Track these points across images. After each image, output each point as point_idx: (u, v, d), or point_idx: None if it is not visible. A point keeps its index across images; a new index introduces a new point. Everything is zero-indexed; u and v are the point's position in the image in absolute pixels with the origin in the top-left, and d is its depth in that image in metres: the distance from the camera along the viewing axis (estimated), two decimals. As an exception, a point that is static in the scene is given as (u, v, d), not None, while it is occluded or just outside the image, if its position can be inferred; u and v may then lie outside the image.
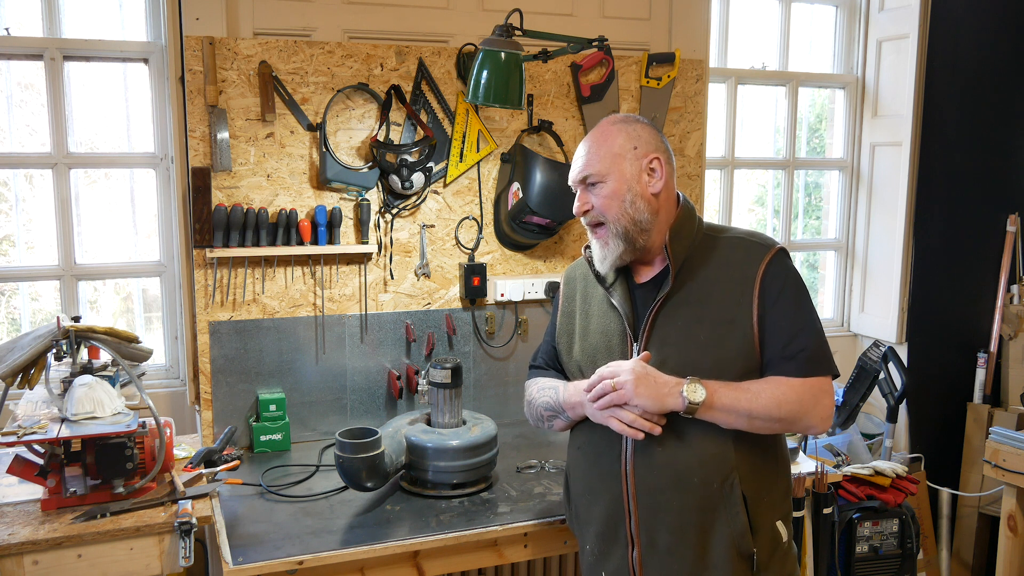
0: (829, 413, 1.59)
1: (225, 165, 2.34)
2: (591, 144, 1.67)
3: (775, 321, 1.57)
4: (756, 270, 1.58)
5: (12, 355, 2.01)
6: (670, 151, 1.68)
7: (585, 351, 1.74)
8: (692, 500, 1.59)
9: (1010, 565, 2.76)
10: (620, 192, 1.62)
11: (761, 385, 1.56)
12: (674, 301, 1.61)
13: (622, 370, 1.57)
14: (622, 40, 2.84)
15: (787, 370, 1.56)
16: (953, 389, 3.49)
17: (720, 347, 1.57)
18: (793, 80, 3.44)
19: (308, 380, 2.50)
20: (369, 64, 2.48)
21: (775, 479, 1.66)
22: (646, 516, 1.62)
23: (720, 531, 1.58)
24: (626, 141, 1.64)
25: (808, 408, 1.56)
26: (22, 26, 2.53)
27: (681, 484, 1.59)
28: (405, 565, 1.90)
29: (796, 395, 1.55)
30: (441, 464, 2.05)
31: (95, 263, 2.66)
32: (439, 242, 2.62)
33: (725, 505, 1.58)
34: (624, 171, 1.62)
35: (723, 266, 1.61)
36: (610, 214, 1.63)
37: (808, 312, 1.60)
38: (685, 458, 1.59)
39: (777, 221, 3.57)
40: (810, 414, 1.57)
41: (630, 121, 1.67)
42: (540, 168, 2.53)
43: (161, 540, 1.90)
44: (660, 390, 1.54)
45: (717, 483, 1.58)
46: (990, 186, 3.46)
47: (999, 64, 3.40)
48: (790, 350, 1.56)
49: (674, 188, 1.70)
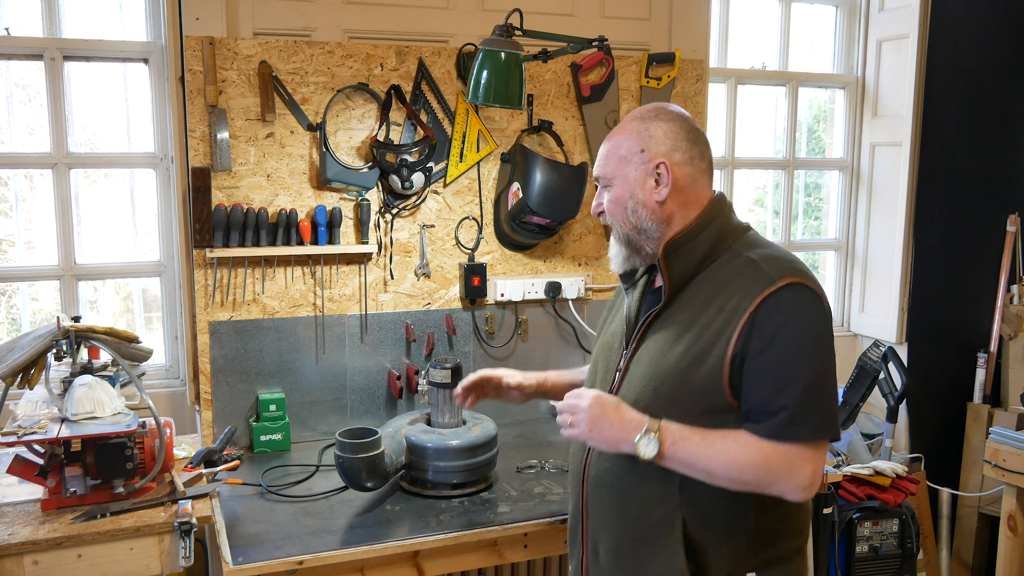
0: (809, 483, 1.38)
1: (225, 165, 2.34)
2: (606, 143, 1.58)
3: (761, 368, 1.39)
4: (748, 305, 1.40)
5: (12, 355, 2.01)
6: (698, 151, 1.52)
7: (600, 347, 1.70)
8: (629, 528, 1.51)
9: (1010, 565, 2.76)
10: (623, 198, 1.53)
11: (727, 442, 1.39)
12: (666, 316, 1.51)
13: (580, 408, 1.49)
14: (622, 40, 2.84)
15: (761, 428, 1.38)
16: (953, 389, 3.48)
17: (685, 378, 1.44)
18: (793, 80, 3.44)
19: (308, 380, 2.50)
20: (369, 64, 2.48)
21: (749, 534, 1.46)
22: (593, 527, 1.59)
23: (654, 567, 1.48)
24: (634, 143, 1.52)
25: (778, 476, 1.38)
26: (22, 26, 2.53)
27: (621, 509, 1.53)
28: (405, 565, 1.90)
29: (763, 460, 1.37)
30: (441, 464, 2.05)
31: (95, 263, 2.66)
32: (439, 242, 2.62)
33: (662, 543, 1.47)
34: (628, 176, 1.53)
35: (723, 290, 1.45)
36: (615, 219, 1.56)
37: (805, 363, 1.38)
38: (627, 485, 1.51)
39: (777, 221, 3.57)
40: (781, 482, 1.38)
41: (649, 118, 1.53)
42: (540, 168, 2.53)
43: (161, 540, 1.90)
44: (614, 435, 1.45)
45: (655, 519, 1.47)
46: (990, 186, 3.46)
47: (999, 64, 3.40)
48: (771, 405, 1.38)
49: (699, 192, 1.52)
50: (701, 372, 1.42)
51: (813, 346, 1.40)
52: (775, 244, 1.53)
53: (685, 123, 1.54)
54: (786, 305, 1.40)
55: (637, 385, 1.51)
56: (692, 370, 1.43)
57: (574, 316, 2.76)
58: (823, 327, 1.43)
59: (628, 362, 1.55)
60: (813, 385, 1.38)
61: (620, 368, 1.57)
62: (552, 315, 2.76)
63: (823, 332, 1.42)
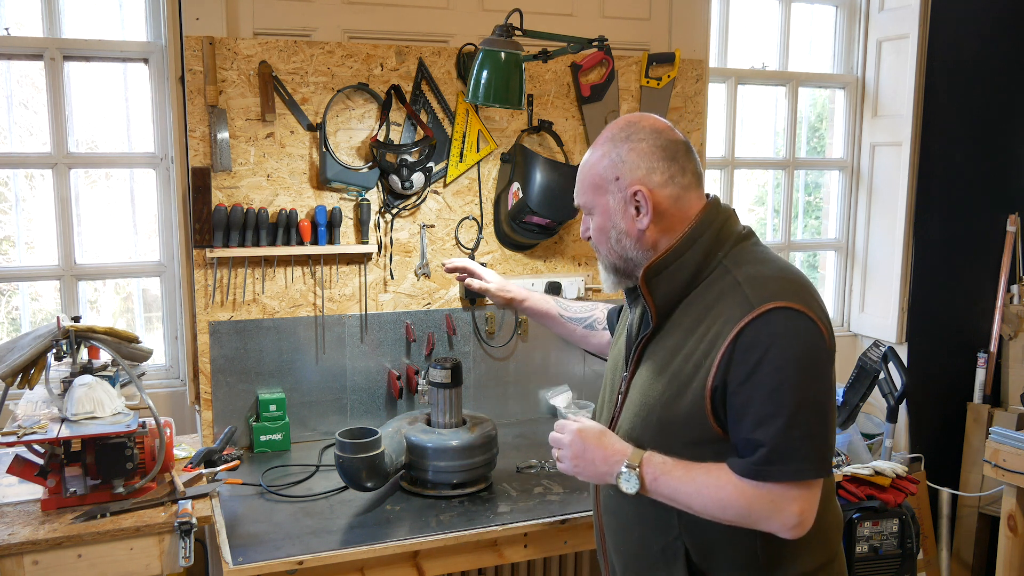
0: (797, 522, 1.29)
1: (225, 165, 2.34)
2: (581, 166, 1.51)
3: (741, 402, 1.30)
4: (728, 332, 1.31)
5: (12, 355, 2.01)
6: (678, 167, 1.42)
7: (609, 364, 1.66)
8: (636, 552, 1.49)
9: (1010, 565, 2.76)
10: (606, 228, 1.46)
11: (709, 478, 1.33)
12: (658, 340, 1.45)
13: (563, 443, 1.47)
14: (622, 40, 2.84)
15: (740, 466, 1.31)
16: (953, 389, 3.49)
17: (670, 409, 1.38)
18: (793, 80, 3.44)
19: (308, 380, 2.50)
20: (369, 64, 2.47)
21: (762, 558, 1.39)
22: (609, 548, 1.58)
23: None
24: (608, 170, 1.44)
25: (762, 517, 1.31)
26: (22, 26, 2.53)
27: (626, 534, 1.51)
28: (405, 565, 1.90)
29: (744, 501, 1.30)
30: (441, 464, 2.05)
31: (95, 263, 2.66)
32: (439, 242, 2.62)
33: (667, 571, 1.43)
34: (607, 206, 1.45)
35: (708, 314, 1.37)
36: (600, 248, 1.50)
37: (786, 396, 1.27)
38: (629, 511, 1.48)
39: (777, 221, 3.57)
40: (766, 522, 1.31)
41: (620, 140, 1.44)
42: (540, 168, 2.53)
43: (161, 540, 1.90)
44: (598, 469, 1.42)
45: (658, 546, 1.44)
46: (990, 186, 3.46)
47: (999, 64, 3.40)
48: (751, 442, 1.30)
49: (684, 211, 1.43)
50: (684, 403, 1.36)
51: (797, 376, 1.28)
52: (771, 256, 1.42)
53: (659, 138, 1.43)
54: (768, 332, 1.29)
55: (631, 413, 1.46)
56: (676, 401, 1.37)
57: (574, 316, 2.76)
58: (812, 353, 1.30)
59: (627, 385, 1.51)
60: (795, 421, 1.28)
61: (621, 392, 1.52)
62: (552, 315, 2.75)
63: (811, 359, 1.30)
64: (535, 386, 2.74)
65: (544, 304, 2.00)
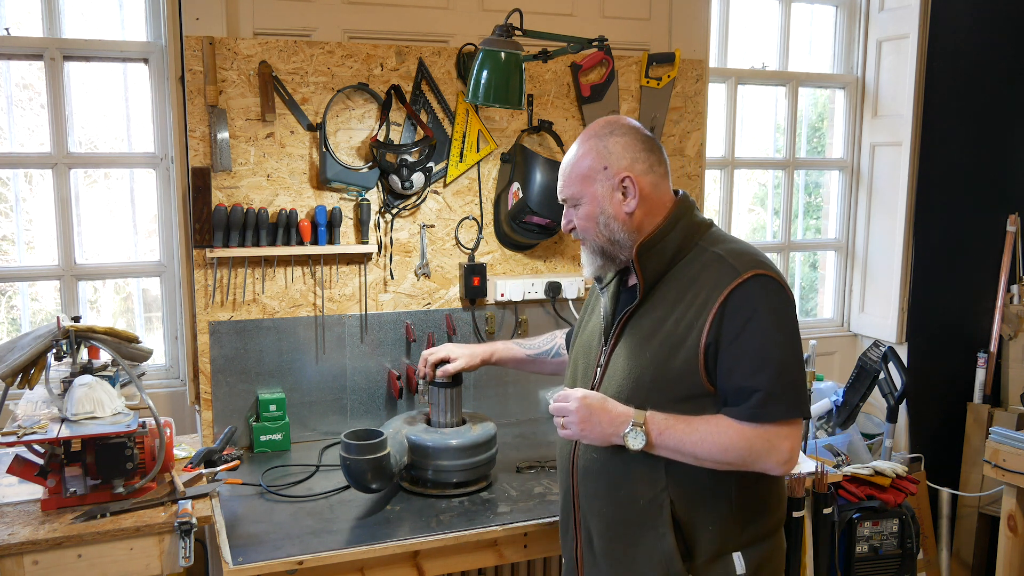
0: (788, 458, 1.49)
1: (225, 165, 2.34)
2: (565, 164, 1.66)
3: (734, 355, 1.48)
4: (717, 296, 1.50)
5: (12, 355, 2.01)
6: (655, 158, 1.62)
7: (579, 345, 1.80)
8: (619, 512, 1.60)
9: (1010, 565, 2.76)
10: (594, 214, 1.62)
11: (709, 426, 1.49)
12: (642, 312, 1.60)
13: (568, 410, 1.58)
14: (622, 40, 2.84)
15: (739, 412, 1.48)
16: (953, 389, 3.49)
17: (663, 368, 1.53)
18: (793, 80, 3.44)
19: (308, 380, 2.50)
20: (369, 64, 2.48)
21: (734, 509, 1.56)
22: (585, 515, 1.67)
23: (646, 548, 1.57)
24: (596, 161, 1.61)
25: (760, 455, 1.48)
26: (22, 26, 2.53)
27: (610, 494, 1.61)
28: (405, 565, 1.90)
29: (745, 442, 1.47)
30: (442, 463, 2.05)
31: (95, 263, 2.66)
32: (439, 242, 2.62)
33: (652, 524, 1.56)
34: (596, 193, 1.61)
35: (693, 285, 1.55)
36: (588, 235, 1.65)
37: (775, 349, 1.48)
38: (616, 469, 1.59)
39: (777, 221, 3.57)
40: (763, 459, 1.49)
41: (604, 135, 1.62)
42: (540, 168, 2.53)
43: (161, 540, 1.90)
44: (605, 431, 1.54)
45: (644, 500, 1.56)
46: (990, 186, 3.46)
47: (999, 64, 3.40)
48: (746, 389, 1.48)
49: (662, 196, 1.63)
50: (677, 361, 1.52)
51: (781, 333, 1.49)
52: (737, 239, 1.63)
53: (638, 134, 1.62)
54: (753, 296, 1.49)
55: (619, 377, 1.60)
56: (669, 360, 1.53)
57: (574, 316, 2.76)
58: (789, 315, 1.52)
59: (608, 357, 1.64)
60: (784, 368, 1.48)
61: (601, 364, 1.66)
62: (552, 315, 2.76)
63: (789, 320, 1.52)
64: (535, 386, 2.74)
65: (510, 351, 2.14)
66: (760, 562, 1.59)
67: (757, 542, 1.59)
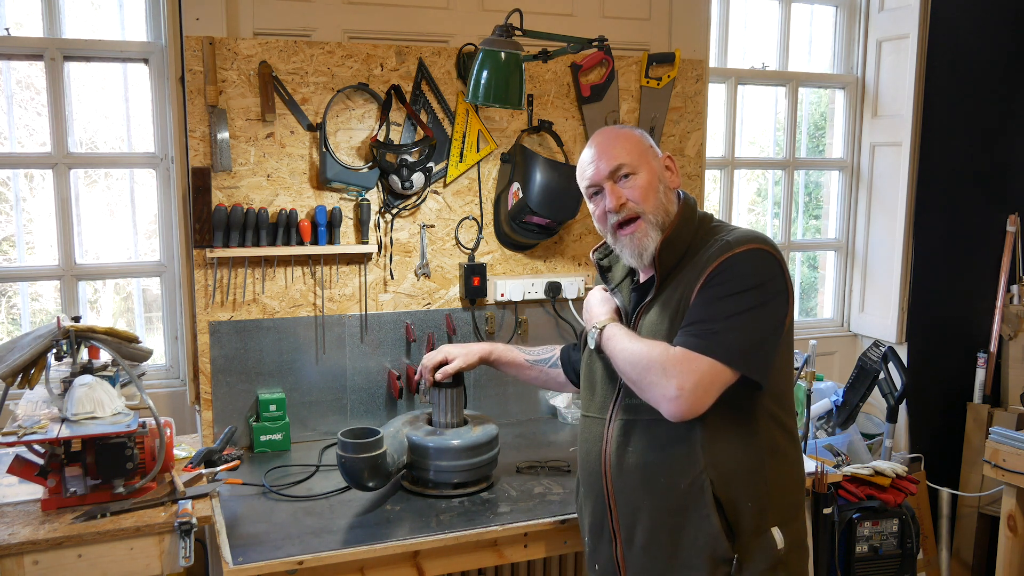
0: (676, 395, 1.46)
1: (225, 165, 2.34)
2: (612, 141, 1.68)
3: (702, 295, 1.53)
4: (709, 266, 1.55)
5: (12, 355, 2.01)
6: None
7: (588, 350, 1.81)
8: (662, 501, 1.60)
9: (1010, 565, 2.76)
10: (654, 183, 1.65)
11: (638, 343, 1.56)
12: (652, 303, 1.66)
13: None
14: (622, 40, 2.84)
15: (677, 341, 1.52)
16: (953, 389, 3.49)
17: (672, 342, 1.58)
18: (793, 80, 3.44)
19: (308, 380, 2.50)
20: (369, 64, 2.48)
21: (768, 485, 1.58)
22: (624, 514, 1.66)
23: (691, 532, 1.57)
24: (643, 139, 1.69)
25: (654, 377, 1.49)
26: (22, 26, 2.53)
27: (650, 485, 1.61)
28: (405, 565, 1.90)
29: (647, 357, 1.51)
30: (442, 464, 2.05)
31: (95, 263, 2.67)
32: (439, 242, 2.62)
33: (695, 507, 1.56)
34: (652, 164, 1.66)
35: (696, 269, 1.59)
36: (648, 205, 1.63)
37: (742, 299, 1.50)
38: (653, 459, 1.60)
39: (777, 221, 3.57)
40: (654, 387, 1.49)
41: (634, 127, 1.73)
42: (540, 168, 2.53)
43: (161, 540, 1.90)
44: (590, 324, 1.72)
45: (685, 484, 1.57)
46: (990, 186, 3.46)
47: (999, 64, 3.40)
48: (693, 319, 1.52)
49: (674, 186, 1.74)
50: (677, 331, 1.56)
51: (756, 292, 1.51)
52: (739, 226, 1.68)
53: None
54: (739, 259, 1.53)
55: None
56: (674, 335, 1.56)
57: (574, 316, 2.76)
58: (774, 280, 1.53)
59: None
60: (739, 325, 1.49)
61: None
62: (552, 315, 2.76)
63: (772, 284, 1.53)
64: (535, 386, 2.73)
65: (509, 353, 2.17)
66: (794, 537, 1.62)
67: (790, 519, 1.62)
